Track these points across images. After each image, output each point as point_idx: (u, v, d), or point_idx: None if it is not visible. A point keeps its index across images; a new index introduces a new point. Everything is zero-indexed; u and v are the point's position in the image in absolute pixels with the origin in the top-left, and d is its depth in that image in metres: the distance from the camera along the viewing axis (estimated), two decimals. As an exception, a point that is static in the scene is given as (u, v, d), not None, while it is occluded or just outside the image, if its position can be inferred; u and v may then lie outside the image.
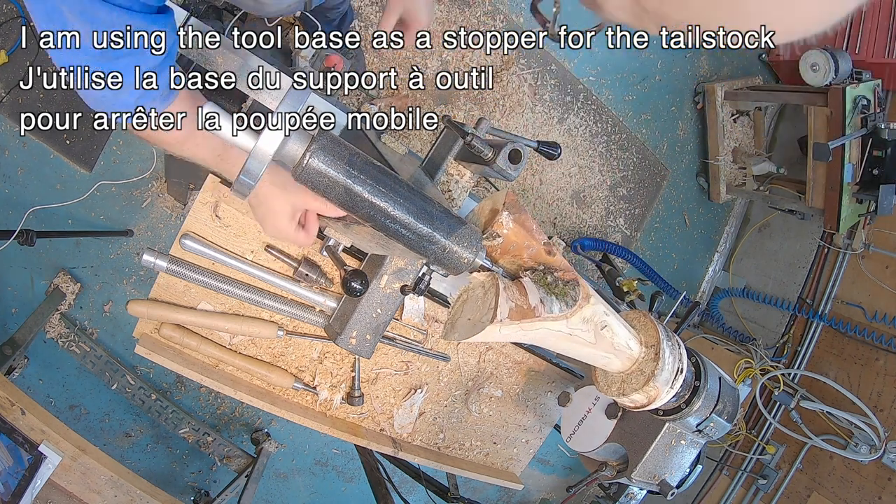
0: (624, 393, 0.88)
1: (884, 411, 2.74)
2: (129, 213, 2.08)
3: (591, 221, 3.09)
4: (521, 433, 1.57)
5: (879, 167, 2.56)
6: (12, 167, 1.91)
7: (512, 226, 0.79)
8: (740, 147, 3.24)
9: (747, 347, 3.11)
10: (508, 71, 2.62)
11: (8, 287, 2.00)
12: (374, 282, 1.00)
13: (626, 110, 3.04)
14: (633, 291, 1.82)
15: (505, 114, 2.66)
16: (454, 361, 1.36)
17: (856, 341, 2.97)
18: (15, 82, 1.83)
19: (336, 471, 2.81)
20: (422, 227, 0.71)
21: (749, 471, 3.18)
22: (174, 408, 2.26)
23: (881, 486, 2.69)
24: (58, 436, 1.26)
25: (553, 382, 1.56)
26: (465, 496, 1.84)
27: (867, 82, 2.54)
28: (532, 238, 0.79)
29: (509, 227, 0.79)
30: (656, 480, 1.21)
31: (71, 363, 2.12)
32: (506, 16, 2.55)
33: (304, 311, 1.13)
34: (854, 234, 2.96)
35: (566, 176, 2.94)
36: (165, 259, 1.01)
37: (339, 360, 1.24)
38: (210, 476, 2.52)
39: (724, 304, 3.57)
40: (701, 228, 3.57)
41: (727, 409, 1.02)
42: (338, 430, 1.23)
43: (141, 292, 2.14)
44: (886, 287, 2.88)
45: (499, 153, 0.88)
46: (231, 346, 1.14)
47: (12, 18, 1.80)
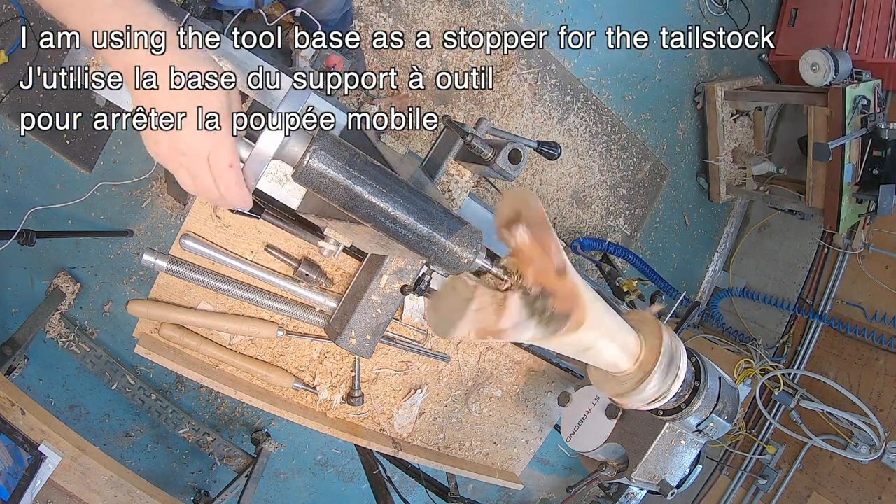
0: (606, 391, 0.88)
1: (884, 411, 2.74)
2: (129, 213, 2.08)
3: (591, 221, 3.09)
4: (521, 433, 1.57)
5: (879, 167, 2.56)
6: (12, 167, 1.91)
7: (526, 240, 0.74)
8: (740, 147, 3.24)
9: (747, 347, 3.11)
10: (508, 71, 2.62)
11: (8, 287, 2.00)
12: (374, 282, 1.00)
13: (626, 110, 3.04)
14: (633, 291, 1.82)
15: (505, 114, 2.66)
16: (454, 361, 1.36)
17: (856, 341, 2.97)
18: (15, 82, 1.83)
19: (336, 471, 2.81)
20: (422, 227, 0.71)
21: (749, 471, 3.18)
22: (174, 408, 2.26)
23: (881, 486, 2.69)
24: (58, 436, 1.26)
25: (553, 382, 1.56)
26: (465, 496, 1.84)
27: (867, 82, 2.54)
28: (546, 256, 0.74)
29: (522, 241, 0.74)
30: (656, 480, 1.21)
31: (71, 363, 2.12)
32: (506, 16, 2.55)
33: (304, 311, 1.13)
34: (854, 234, 2.96)
35: (566, 176, 2.94)
36: (165, 259, 1.01)
37: (339, 360, 1.24)
38: (210, 476, 2.52)
39: (724, 304, 3.57)
40: (701, 228, 3.57)
41: (727, 409, 1.02)
42: (338, 430, 1.23)
43: (141, 292, 2.14)
44: (886, 287, 2.88)
45: (499, 153, 0.88)
46: (231, 346, 1.14)
47: (12, 18, 1.80)
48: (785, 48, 3.24)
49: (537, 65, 2.69)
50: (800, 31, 3.16)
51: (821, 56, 2.48)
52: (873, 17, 2.80)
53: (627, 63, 2.98)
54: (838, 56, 2.46)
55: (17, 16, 1.80)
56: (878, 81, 2.58)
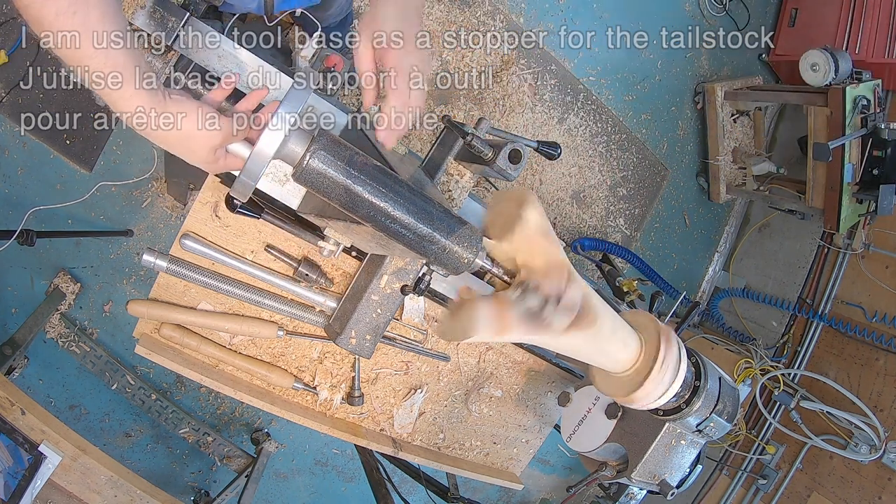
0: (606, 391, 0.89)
1: (884, 411, 2.74)
2: (129, 213, 2.08)
3: (591, 221, 3.09)
4: (521, 433, 1.57)
5: (879, 167, 2.56)
6: (12, 167, 1.91)
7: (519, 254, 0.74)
8: (740, 147, 3.24)
9: (747, 347, 3.11)
10: (508, 71, 2.62)
11: (8, 287, 2.00)
12: (374, 282, 1.00)
13: (626, 110, 3.04)
14: (633, 291, 1.82)
15: (505, 114, 2.66)
16: (454, 361, 1.36)
17: (856, 341, 2.97)
18: (15, 82, 1.83)
19: (336, 471, 2.81)
20: (422, 227, 0.71)
21: (749, 471, 3.18)
22: (174, 408, 2.26)
23: (881, 486, 2.69)
24: (58, 436, 1.26)
25: (553, 382, 1.56)
26: (465, 496, 1.84)
27: (867, 82, 2.54)
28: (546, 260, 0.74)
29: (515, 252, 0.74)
30: (656, 480, 1.21)
31: (71, 363, 2.12)
32: (506, 16, 2.55)
33: (304, 311, 1.13)
34: (854, 234, 2.96)
35: (566, 176, 2.94)
36: (165, 259, 1.01)
37: (339, 360, 1.24)
38: (210, 476, 2.52)
39: (724, 304, 3.57)
40: (701, 228, 3.57)
41: (727, 409, 1.02)
42: (338, 430, 1.23)
43: (141, 292, 2.14)
44: (886, 287, 2.88)
45: (499, 153, 0.88)
46: (231, 346, 1.14)
47: (12, 18, 1.80)
48: (785, 48, 3.24)
49: (537, 65, 2.69)
50: (800, 31, 3.16)
51: (821, 56, 2.48)
52: (873, 17, 2.80)
53: (627, 63, 2.98)
54: (838, 56, 2.46)
55: (18, 16, 1.80)
56: (878, 81, 2.58)
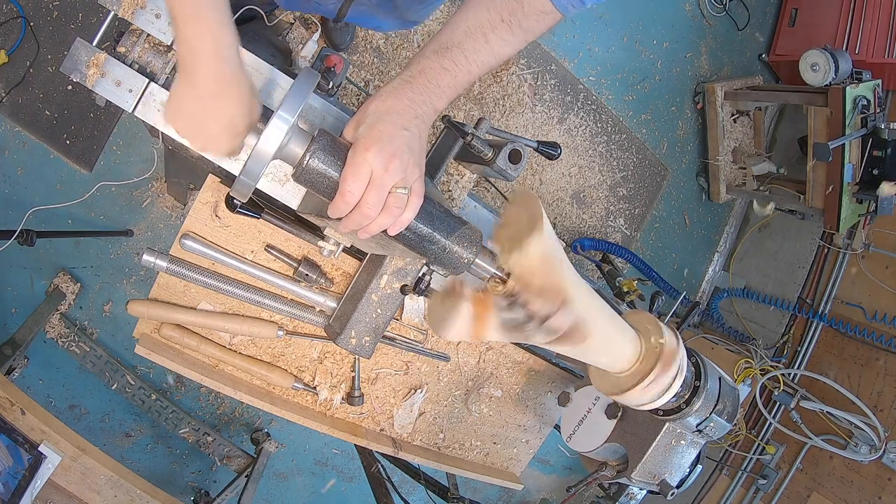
0: (606, 391, 0.89)
1: (884, 411, 2.74)
2: (129, 213, 2.08)
3: (591, 221, 3.09)
4: (521, 433, 1.57)
5: (879, 167, 2.56)
6: (12, 167, 1.91)
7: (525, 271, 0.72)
8: (740, 147, 3.24)
9: (747, 347, 3.11)
10: (508, 71, 2.62)
11: (8, 287, 2.00)
12: (374, 282, 1.00)
13: (626, 110, 3.04)
14: (633, 291, 1.82)
15: (505, 114, 2.66)
16: (454, 361, 1.36)
17: (856, 341, 2.97)
18: (15, 82, 1.83)
19: (336, 471, 2.81)
20: (422, 227, 0.71)
21: (749, 471, 3.18)
22: (174, 408, 2.26)
23: (881, 486, 2.69)
24: (58, 436, 1.26)
25: (553, 382, 1.56)
26: (465, 496, 1.84)
27: (867, 82, 2.54)
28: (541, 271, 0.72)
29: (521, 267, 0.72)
30: (656, 480, 1.21)
31: (71, 363, 2.12)
32: (506, 16, 2.54)
33: (304, 311, 1.13)
34: (854, 234, 2.96)
35: (566, 176, 2.94)
36: (165, 259, 1.01)
37: (339, 360, 1.24)
38: (210, 476, 2.52)
39: (724, 304, 3.57)
40: (701, 228, 3.57)
41: (727, 409, 1.02)
42: (338, 430, 1.23)
43: (141, 292, 2.14)
44: (886, 287, 2.88)
45: (499, 153, 0.88)
46: (231, 346, 1.14)
47: (12, 18, 1.80)
48: (785, 48, 3.24)
49: (537, 65, 2.69)
50: (800, 31, 3.16)
51: (821, 56, 2.48)
52: (873, 17, 2.81)
53: (627, 63, 2.98)
54: (838, 56, 2.46)
55: (18, 16, 1.81)
56: (878, 81, 2.58)
